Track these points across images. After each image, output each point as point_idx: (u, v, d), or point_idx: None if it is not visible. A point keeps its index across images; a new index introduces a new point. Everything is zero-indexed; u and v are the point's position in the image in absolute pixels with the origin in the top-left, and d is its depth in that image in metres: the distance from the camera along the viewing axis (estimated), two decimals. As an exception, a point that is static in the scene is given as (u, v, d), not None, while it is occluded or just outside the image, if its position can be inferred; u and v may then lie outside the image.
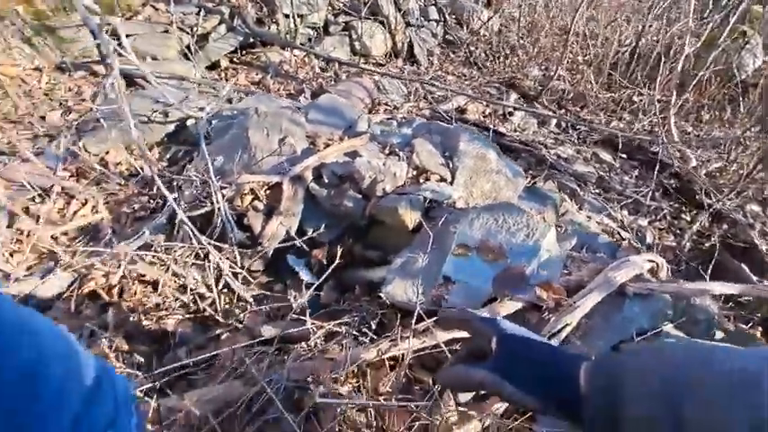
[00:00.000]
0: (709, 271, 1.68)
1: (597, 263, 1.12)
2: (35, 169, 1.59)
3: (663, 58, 2.66)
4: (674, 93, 2.74)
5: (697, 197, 2.38)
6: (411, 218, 1.25)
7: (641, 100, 3.47)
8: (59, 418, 0.36)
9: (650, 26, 3.90)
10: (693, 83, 2.87)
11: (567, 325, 0.93)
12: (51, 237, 1.51)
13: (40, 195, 1.59)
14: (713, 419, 0.30)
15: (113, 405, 0.41)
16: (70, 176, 1.69)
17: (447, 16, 3.80)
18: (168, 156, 1.78)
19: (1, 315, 0.35)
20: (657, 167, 2.39)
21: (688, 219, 2.44)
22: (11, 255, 1.42)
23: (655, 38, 4.07)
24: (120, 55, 1.63)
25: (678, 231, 2.31)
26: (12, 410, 0.33)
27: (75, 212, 1.57)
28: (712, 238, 2.16)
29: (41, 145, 1.80)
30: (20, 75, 2.15)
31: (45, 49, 2.27)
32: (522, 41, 3.75)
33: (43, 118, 1.95)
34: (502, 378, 0.41)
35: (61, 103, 2.01)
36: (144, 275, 1.33)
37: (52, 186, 1.60)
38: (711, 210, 2.26)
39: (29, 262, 1.42)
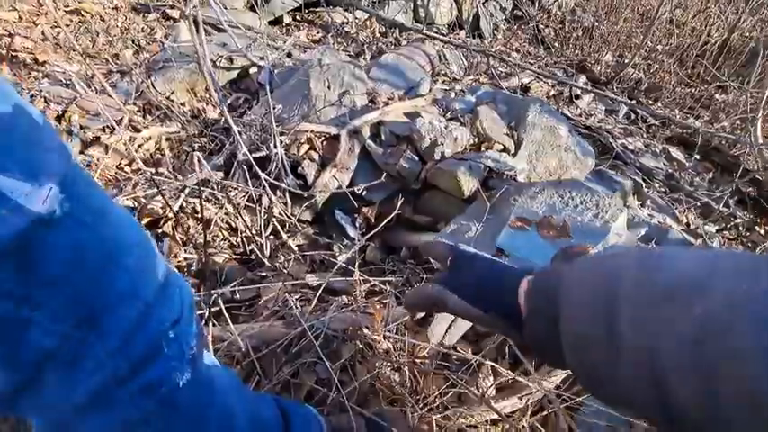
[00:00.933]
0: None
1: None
2: (108, 101, 1.66)
3: (762, 51, 2.37)
4: (767, 92, 2.44)
5: (778, 208, 2.15)
6: (468, 185, 1.20)
7: (724, 99, 3.14)
8: (130, 305, 0.36)
9: (745, 21, 3.49)
10: (793, 83, 2.55)
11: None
12: (117, 166, 1.59)
13: (110, 126, 1.66)
14: (649, 334, 0.25)
15: (180, 306, 0.41)
16: (138, 111, 1.75)
17: (519, -10, 3.57)
18: (230, 101, 1.80)
19: (91, 201, 0.35)
20: (738, 172, 2.17)
21: (763, 232, 2.22)
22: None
23: (749, 33, 3.64)
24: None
25: (750, 244, 2.11)
26: (91, 286, 0.33)
27: (140, 146, 1.64)
28: (790, 256, 1.95)
29: (114, 79, 1.88)
30: (99, 12, 2.24)
31: (123, -10, 2.35)
32: (597, 23, 3.47)
33: (117, 55, 2.03)
34: (450, 292, 0.41)
35: (134, 41, 2.08)
36: (198, 212, 1.37)
37: (122, 119, 1.67)
38: (794, 225, 2.04)
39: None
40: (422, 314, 0.50)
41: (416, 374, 1.01)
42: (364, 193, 1.38)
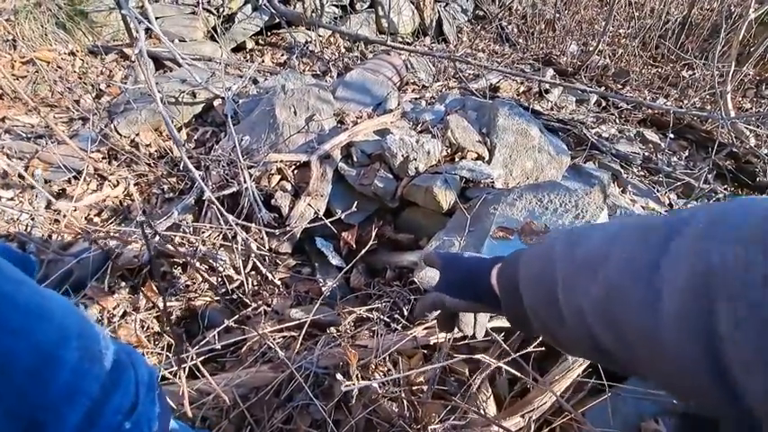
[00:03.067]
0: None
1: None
2: (70, 151, 1.61)
3: (724, 25, 2.41)
4: (733, 65, 2.48)
5: (758, 179, 2.17)
6: (446, 198, 1.17)
7: (691, 75, 3.19)
8: (76, 402, 0.32)
9: (704, -6, 3.57)
10: (756, 53, 2.60)
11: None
12: (85, 218, 1.54)
13: (75, 177, 1.61)
14: (576, 296, 0.32)
15: (135, 390, 0.37)
16: (102, 158, 1.70)
17: (478, -10, 3.61)
18: (196, 137, 1.76)
19: (18, 298, 0.32)
20: (713, 147, 2.19)
21: (746, 203, 2.24)
22: (48, 236, 1.45)
23: (709, 6, 3.72)
24: (149, 36, 1.61)
25: (734, 217, 2.12)
26: (26, 393, 0.30)
27: (107, 194, 1.58)
28: (774, 225, 1.97)
29: (76, 127, 1.83)
30: (55, 59, 2.18)
31: (78, 34, 2.29)
32: (558, 15, 3.51)
33: (77, 101, 1.98)
34: (444, 293, 0.49)
35: (93, 86, 2.03)
36: (173, 256, 1.32)
37: (86, 168, 1.61)
38: (774, 193, 2.06)
39: (65, 242, 1.44)
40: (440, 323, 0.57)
41: (414, 403, 0.97)
42: (343, 217, 1.35)
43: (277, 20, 2.73)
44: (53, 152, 1.61)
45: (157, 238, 1.28)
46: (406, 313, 1.13)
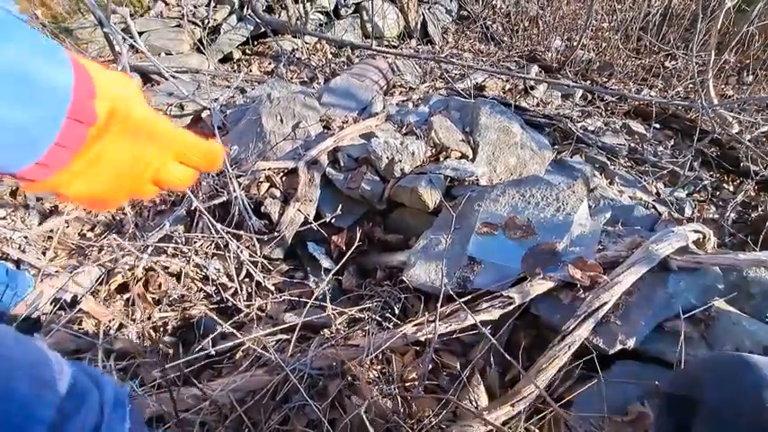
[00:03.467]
0: (760, 242, 1.55)
1: (635, 236, 1.04)
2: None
3: (701, 15, 2.45)
4: (713, 53, 2.52)
5: (742, 165, 2.21)
6: (432, 198, 1.20)
7: (674, 65, 3.24)
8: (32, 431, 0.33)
9: (683, -16, 3.61)
10: (735, 41, 2.65)
11: (604, 303, 0.86)
12: (79, 234, 1.55)
13: (66, 194, 1.62)
14: None
15: (98, 409, 0.38)
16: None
17: (461, -9, 3.65)
18: (185, 149, 1.78)
19: None
20: (696, 135, 2.22)
21: (731, 189, 2.27)
22: (43, 253, 1.46)
23: (688, -3, 3.77)
24: (135, 51, 1.63)
25: (720, 203, 2.16)
26: None
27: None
28: (759, 209, 2.00)
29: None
30: (42, 78, 2.20)
31: (64, 52, 2.31)
32: (541, 12, 3.55)
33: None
34: None
35: (81, 103, 2.04)
36: (167, 267, 1.34)
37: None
38: (758, 178, 2.09)
39: (59, 259, 1.45)
40: None
41: (408, 399, 0.99)
42: (332, 221, 1.37)
43: (263, 29, 2.75)
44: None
45: (149, 249, 1.30)
46: (397, 311, 1.15)
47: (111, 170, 0.32)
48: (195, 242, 1.29)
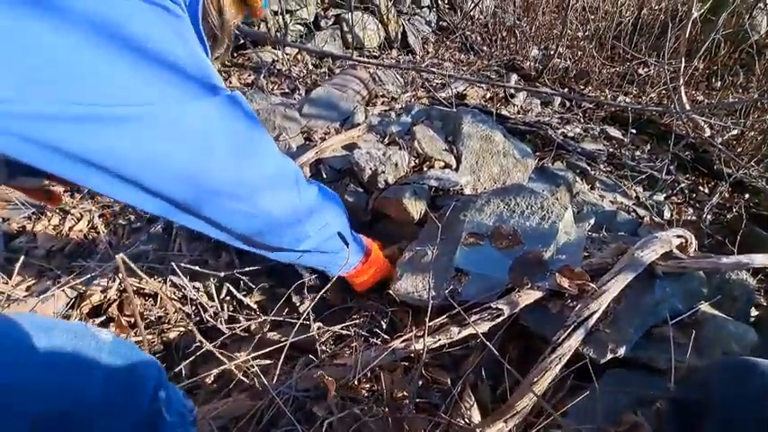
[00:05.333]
0: (737, 243, 1.58)
1: (620, 242, 1.04)
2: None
3: (670, 24, 2.54)
4: (683, 60, 2.61)
5: (715, 167, 2.27)
6: (416, 209, 1.18)
7: (647, 72, 3.34)
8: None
9: (651, -6, 3.75)
10: (703, 49, 2.75)
11: (593, 312, 0.86)
12: (48, 254, 1.47)
13: (34, 214, 1.55)
14: None
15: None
16: (64, 191, 1.64)
17: (439, 1, 3.70)
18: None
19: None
20: (671, 140, 2.28)
21: (707, 191, 2.33)
22: (9, 276, 1.38)
23: (657, 6, 3.92)
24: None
25: (697, 204, 2.21)
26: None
27: (70, 228, 1.53)
28: (734, 210, 2.06)
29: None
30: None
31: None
32: (518, 22, 3.63)
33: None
34: None
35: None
36: (143, 288, 1.28)
37: (46, 204, 1.56)
38: (731, 179, 2.15)
39: (27, 282, 1.38)
40: None
41: (398, 419, 0.96)
42: (317, 234, 1.34)
43: (242, 41, 2.72)
44: (9, 191, 1.55)
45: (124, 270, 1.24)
46: (384, 326, 1.12)
47: None
48: (171, 261, 1.24)
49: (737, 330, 0.91)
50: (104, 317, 1.24)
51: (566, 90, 3.03)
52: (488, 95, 2.68)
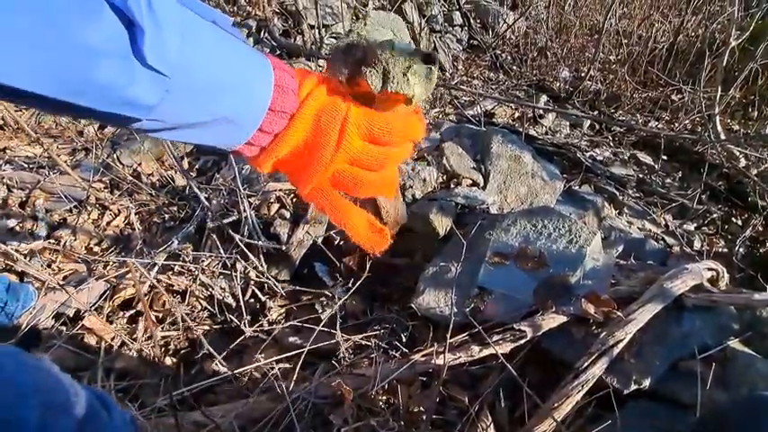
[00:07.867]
0: (771, 279, 1.52)
1: (648, 271, 1.02)
2: (72, 181, 1.64)
3: (707, 52, 2.50)
4: (719, 89, 2.56)
5: (750, 199, 2.20)
6: (442, 224, 1.19)
7: (681, 98, 3.28)
8: None
9: (689, 21, 3.70)
10: (740, 78, 2.68)
11: (619, 341, 0.84)
12: (86, 247, 1.55)
13: (76, 207, 1.63)
14: None
15: None
16: (104, 188, 1.73)
17: (471, 21, 3.74)
18: (197, 166, 1.80)
19: None
20: (704, 169, 2.23)
21: (739, 223, 2.26)
22: (48, 265, 1.45)
23: (694, 33, 3.86)
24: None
25: (729, 236, 2.14)
26: None
27: (108, 223, 1.60)
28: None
29: (79, 158, 1.87)
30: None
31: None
32: (550, 43, 3.63)
33: (81, 133, 2.03)
34: None
35: (97, 118, 2.08)
36: (173, 285, 1.33)
37: (87, 198, 1.64)
38: (766, 213, 2.08)
39: (65, 272, 1.45)
40: None
41: (414, 433, 0.96)
42: (342, 243, 1.36)
43: (278, 52, 2.82)
44: (55, 182, 1.64)
45: (156, 267, 1.29)
46: (404, 339, 1.13)
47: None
48: (203, 261, 1.28)
49: (766, 368, 0.88)
50: (134, 310, 1.29)
51: (595, 113, 3.00)
52: (516, 115, 2.69)
